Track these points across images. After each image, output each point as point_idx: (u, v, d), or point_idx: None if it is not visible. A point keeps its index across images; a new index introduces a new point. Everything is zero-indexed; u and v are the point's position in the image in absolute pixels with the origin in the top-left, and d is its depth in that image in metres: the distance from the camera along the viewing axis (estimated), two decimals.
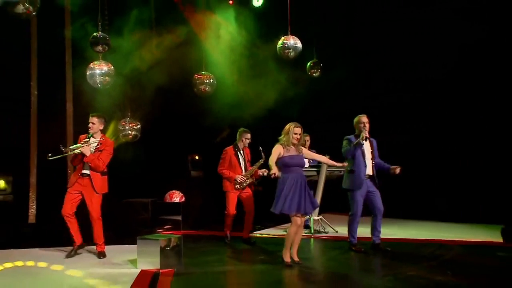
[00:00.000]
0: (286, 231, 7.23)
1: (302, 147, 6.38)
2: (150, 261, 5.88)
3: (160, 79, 9.37)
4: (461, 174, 10.03)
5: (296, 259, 6.23)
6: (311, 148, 9.07)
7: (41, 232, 8.60)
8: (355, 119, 7.10)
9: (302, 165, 6.28)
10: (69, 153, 6.57)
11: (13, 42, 8.84)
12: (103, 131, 7.03)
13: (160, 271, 5.75)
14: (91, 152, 6.57)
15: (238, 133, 7.81)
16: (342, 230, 8.36)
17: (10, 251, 7.18)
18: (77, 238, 6.74)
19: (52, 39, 9.38)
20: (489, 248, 7.32)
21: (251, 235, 8.08)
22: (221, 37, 9.91)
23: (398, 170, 7.00)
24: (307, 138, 9.12)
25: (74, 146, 6.68)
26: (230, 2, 10.46)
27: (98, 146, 6.71)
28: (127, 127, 9.33)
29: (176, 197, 9.08)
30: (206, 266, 6.37)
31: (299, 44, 9.30)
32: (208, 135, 10.27)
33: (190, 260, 6.65)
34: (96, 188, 6.63)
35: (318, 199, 8.69)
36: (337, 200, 8.53)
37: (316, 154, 6.69)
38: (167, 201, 9.08)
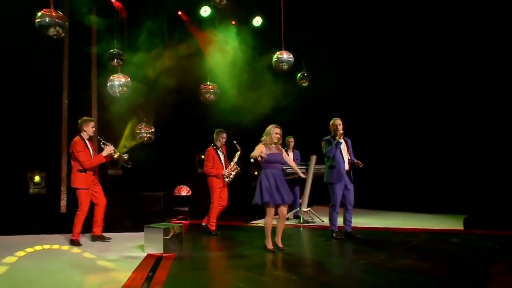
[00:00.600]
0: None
1: (282, 148, 6.32)
2: (155, 246, 5.95)
3: (170, 88, 9.41)
4: (433, 170, 9.98)
5: (280, 245, 6.20)
6: (295, 148, 9.18)
7: (70, 220, 8.76)
8: (331, 122, 7.11)
9: (281, 162, 6.21)
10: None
11: (48, 58, 8.90)
12: None
13: (163, 255, 5.83)
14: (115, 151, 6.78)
15: (215, 133, 7.76)
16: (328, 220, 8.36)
17: (43, 236, 7.30)
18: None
19: (80, 54, 9.43)
20: (450, 235, 7.24)
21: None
22: (224, 52, 9.86)
23: (360, 165, 7.04)
24: (291, 139, 9.11)
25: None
26: (233, 22, 10.46)
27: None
28: (143, 131, 9.47)
29: (184, 191, 9.13)
30: (204, 251, 6.47)
31: (291, 58, 9.36)
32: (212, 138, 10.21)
33: (191, 245, 6.75)
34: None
35: (307, 193, 8.73)
36: (325, 193, 8.53)
37: (290, 159, 6.64)
38: (176, 194, 9.15)
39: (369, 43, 10.27)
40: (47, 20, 6.71)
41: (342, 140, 6.98)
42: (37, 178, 9.34)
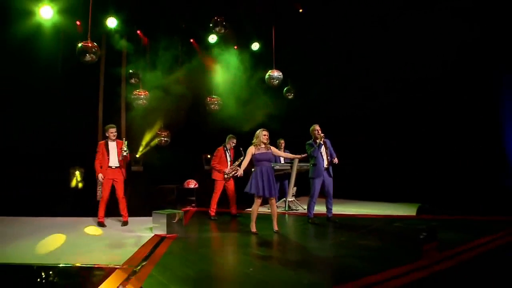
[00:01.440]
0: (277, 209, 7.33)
1: (271, 146, 6.30)
2: (160, 228, 6.11)
3: (183, 100, 9.61)
4: (403, 166, 9.91)
5: (275, 229, 6.23)
6: (285, 149, 9.24)
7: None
8: (311, 128, 7.14)
9: (270, 159, 6.22)
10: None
11: (86, 79, 9.14)
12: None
13: (166, 235, 5.97)
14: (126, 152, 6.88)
15: (227, 137, 7.82)
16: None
17: (80, 218, 7.48)
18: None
19: (113, 74, 9.66)
20: (402, 220, 7.28)
21: (237, 212, 7.96)
22: (226, 71, 10.03)
23: (335, 161, 7.09)
24: (282, 141, 9.14)
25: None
26: (235, 47, 10.61)
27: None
28: (162, 135, 9.70)
29: (192, 184, 9.27)
30: (201, 233, 6.57)
31: (281, 75, 9.53)
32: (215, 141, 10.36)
33: (192, 228, 6.91)
34: (124, 176, 6.94)
35: (291, 185, 8.78)
36: (307, 186, 8.61)
37: (281, 152, 6.67)
38: (185, 187, 9.31)
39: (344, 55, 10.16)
40: (85, 49, 7.14)
41: (322, 142, 7.04)
42: (78, 174, 9.57)
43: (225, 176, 7.69)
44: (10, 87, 8.06)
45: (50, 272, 4.22)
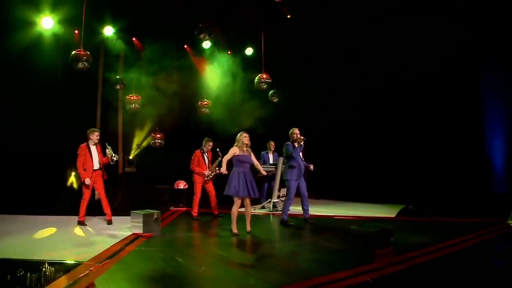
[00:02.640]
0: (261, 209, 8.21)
1: (251, 153, 6.44)
2: (137, 227, 6.30)
3: (176, 104, 9.85)
4: (391, 167, 9.99)
5: (248, 229, 6.40)
6: (274, 150, 9.41)
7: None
8: (290, 131, 7.26)
9: (250, 162, 6.37)
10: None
11: (84, 83, 9.37)
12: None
13: (143, 234, 6.17)
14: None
15: (204, 140, 8.02)
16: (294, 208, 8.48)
17: (73, 217, 7.55)
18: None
19: (110, 78, 9.88)
20: (380, 222, 7.36)
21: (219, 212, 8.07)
22: (218, 75, 10.27)
23: (311, 167, 7.27)
24: (272, 143, 9.33)
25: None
26: (229, 52, 10.80)
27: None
28: (155, 138, 9.98)
29: (181, 184, 9.47)
30: (178, 232, 6.80)
31: (269, 79, 9.77)
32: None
33: (172, 227, 7.13)
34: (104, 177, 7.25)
35: (276, 187, 8.92)
36: None
37: (255, 160, 6.79)
38: (175, 187, 9.49)
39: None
40: (77, 57, 7.54)
41: (302, 145, 7.12)
42: (74, 174, 9.80)
43: (205, 178, 7.87)
44: (11, 92, 8.46)
45: (18, 267, 4.51)
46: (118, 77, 9.19)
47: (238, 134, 6.45)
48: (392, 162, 9.89)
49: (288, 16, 9.63)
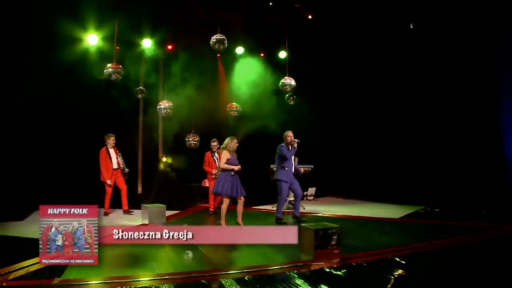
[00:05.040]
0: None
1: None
2: (146, 218, 7.45)
3: (209, 107, 10.87)
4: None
5: (240, 223, 7.07)
6: None
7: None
8: (284, 134, 7.76)
9: (237, 164, 7.04)
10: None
11: (127, 91, 10.47)
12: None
13: (148, 225, 7.18)
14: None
15: (211, 141, 8.95)
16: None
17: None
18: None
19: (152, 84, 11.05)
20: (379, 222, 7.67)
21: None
22: (250, 78, 10.96)
23: (302, 170, 7.78)
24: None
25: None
26: (262, 55, 11.48)
27: None
28: (190, 139, 11.05)
29: (207, 183, 10.26)
30: (182, 222, 7.76)
31: (293, 82, 10.23)
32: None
33: (182, 220, 8.15)
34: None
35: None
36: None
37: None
38: (202, 185, 10.42)
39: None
40: (110, 70, 8.91)
41: (296, 147, 7.61)
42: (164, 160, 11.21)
43: (213, 176, 8.72)
44: (62, 102, 9.49)
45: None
46: (138, 88, 10.39)
47: (228, 139, 7.20)
48: (420, 162, 9.69)
49: (310, 17, 10.01)
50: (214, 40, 9.36)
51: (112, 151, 8.51)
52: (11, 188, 8.19)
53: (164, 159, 11.09)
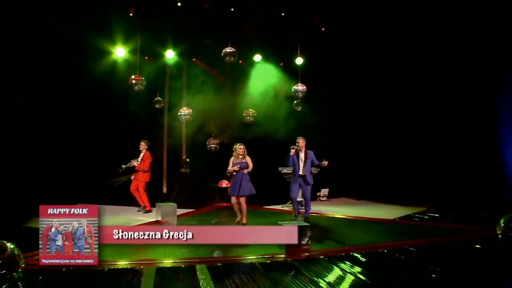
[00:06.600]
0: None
1: (247, 156, 8.04)
2: (158, 215, 8.48)
3: (227, 114, 11.86)
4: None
5: (244, 221, 7.86)
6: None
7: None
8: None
9: (244, 167, 7.92)
10: (124, 167, 9.66)
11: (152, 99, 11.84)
12: (148, 149, 9.86)
13: (160, 221, 8.25)
14: (138, 162, 9.65)
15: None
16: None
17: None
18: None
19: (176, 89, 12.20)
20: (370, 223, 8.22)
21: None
22: (262, 87, 11.81)
23: (326, 163, 8.24)
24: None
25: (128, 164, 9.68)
26: (281, 64, 12.21)
27: (140, 159, 9.67)
28: (211, 143, 12.02)
29: (224, 183, 11.23)
30: (193, 220, 8.70)
31: (305, 89, 10.88)
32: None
33: (195, 217, 9.10)
34: (139, 178, 9.68)
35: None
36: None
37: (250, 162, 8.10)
38: (220, 186, 11.33)
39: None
40: (133, 82, 10.07)
41: (299, 153, 8.31)
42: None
43: (227, 174, 9.40)
44: (93, 110, 10.56)
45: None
46: (157, 98, 11.47)
47: (235, 145, 8.19)
48: (430, 164, 9.98)
49: (323, 29, 10.67)
50: (225, 52, 10.21)
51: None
52: (11, 189, 8.61)
53: (187, 161, 12.06)
